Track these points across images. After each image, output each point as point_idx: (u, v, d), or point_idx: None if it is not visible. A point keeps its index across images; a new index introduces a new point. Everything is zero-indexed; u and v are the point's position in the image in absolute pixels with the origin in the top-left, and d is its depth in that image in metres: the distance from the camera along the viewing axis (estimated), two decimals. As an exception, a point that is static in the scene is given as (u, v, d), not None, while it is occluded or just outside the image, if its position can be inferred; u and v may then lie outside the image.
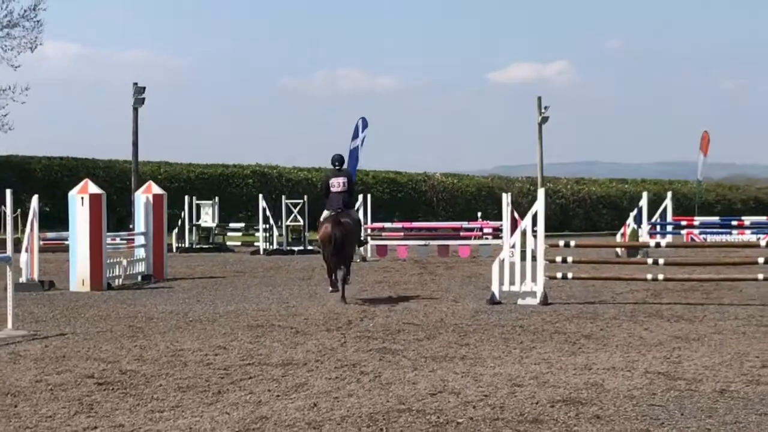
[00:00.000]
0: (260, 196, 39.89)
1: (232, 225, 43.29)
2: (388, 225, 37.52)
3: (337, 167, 20.27)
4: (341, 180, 19.97)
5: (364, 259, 32.30)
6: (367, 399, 9.59)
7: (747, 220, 41.13)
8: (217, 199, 42.51)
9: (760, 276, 18.18)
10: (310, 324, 15.40)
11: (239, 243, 42.47)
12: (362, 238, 24.05)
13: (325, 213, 19.96)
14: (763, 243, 19.58)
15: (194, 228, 40.73)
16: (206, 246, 40.01)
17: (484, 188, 63.94)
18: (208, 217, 41.10)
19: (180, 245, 39.81)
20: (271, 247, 37.27)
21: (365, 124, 39.79)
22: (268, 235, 37.74)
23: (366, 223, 33.79)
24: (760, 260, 18.41)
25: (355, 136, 40.22)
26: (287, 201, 38.23)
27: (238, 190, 55.28)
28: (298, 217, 37.62)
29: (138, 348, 12.96)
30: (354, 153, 40.25)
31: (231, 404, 9.38)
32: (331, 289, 19.56)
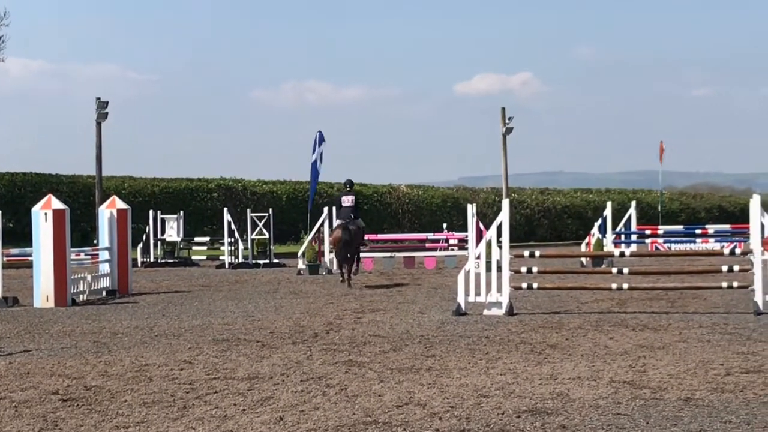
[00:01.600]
0: (225, 209, 39.80)
1: (197, 239, 43.12)
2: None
3: (347, 188, 27.11)
4: (350, 198, 26.66)
5: (330, 271, 32.26)
6: (334, 412, 9.58)
7: (711, 228, 41.36)
8: (181, 213, 42.35)
9: (724, 284, 18.28)
10: (276, 337, 15.37)
11: (204, 257, 42.32)
12: (365, 241, 28.96)
13: (337, 221, 26.96)
14: (726, 251, 19.69)
15: (159, 242, 40.56)
16: (171, 260, 39.84)
17: (449, 199, 63.99)
18: (172, 231, 40.93)
19: (145, 260, 39.64)
20: (236, 260, 37.16)
21: (322, 139, 39.76)
22: (233, 248, 37.63)
23: (331, 235, 33.74)
24: (724, 268, 18.53)
25: (314, 150, 40.21)
26: (252, 214, 38.15)
27: (203, 204, 55.09)
28: (264, 230, 37.54)
29: (103, 363, 12.89)
30: (314, 166, 40.23)
31: (196, 419, 9.35)
32: (341, 279, 26.10)
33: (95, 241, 32.41)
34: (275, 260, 37.45)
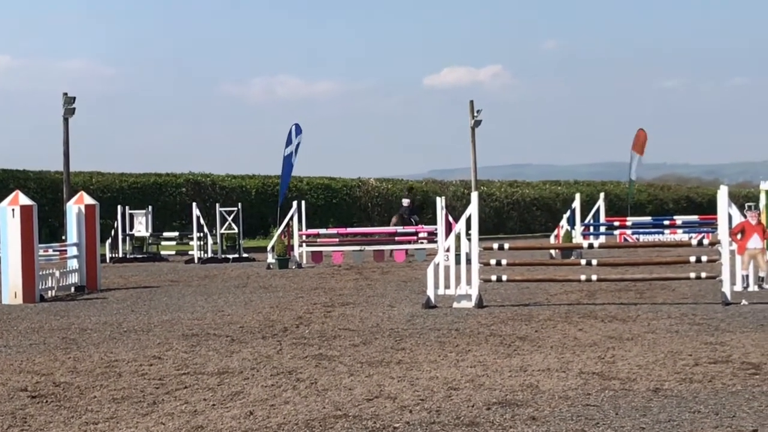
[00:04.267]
0: (194, 204, 39.67)
1: (165, 234, 42.96)
2: (323, 231, 37.44)
3: (406, 193, 39.89)
4: (407, 200, 39.74)
5: (299, 265, 32.23)
6: (304, 406, 9.57)
7: (679, 219, 41.57)
8: (150, 208, 42.19)
9: (692, 275, 18.39)
10: (245, 332, 15.34)
11: (173, 252, 42.19)
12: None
13: (395, 217, 38.90)
14: (694, 242, 19.79)
15: (128, 238, 40.39)
16: (140, 256, 39.69)
17: (418, 192, 64.09)
18: (141, 227, 40.76)
19: (113, 255, 39.48)
20: (205, 255, 37.05)
21: (299, 131, 39.70)
22: (202, 243, 37.51)
23: (301, 229, 33.73)
24: (692, 259, 18.63)
25: (289, 142, 40.11)
26: (221, 209, 38.05)
27: (172, 199, 54.90)
28: (233, 225, 37.43)
29: (72, 360, 12.84)
30: (288, 160, 40.12)
31: (166, 414, 9.32)
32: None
33: (63, 237, 32.30)
34: (244, 255, 37.35)
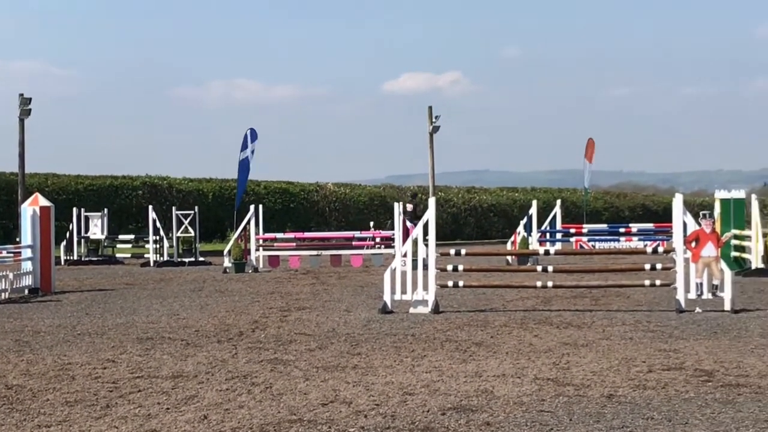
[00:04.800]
0: (150, 207, 39.48)
1: (121, 237, 42.73)
2: (280, 235, 37.39)
3: (411, 198, 37.99)
4: (410, 205, 37.68)
5: (256, 269, 32.14)
6: (258, 410, 9.54)
7: (634, 227, 41.82)
8: (106, 210, 41.98)
9: (647, 282, 18.49)
10: (201, 336, 15.28)
11: (129, 255, 42.00)
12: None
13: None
14: (649, 250, 19.91)
15: (83, 240, 40.17)
16: (95, 258, 39.47)
17: (376, 198, 64.05)
18: (97, 229, 40.54)
19: (68, 258, 39.24)
20: (161, 258, 36.89)
21: (254, 136, 39.63)
22: (158, 246, 37.34)
23: (257, 233, 33.68)
24: (647, 266, 18.75)
25: (245, 146, 40.04)
26: (178, 212, 37.89)
27: (128, 202, 54.59)
28: (189, 228, 37.29)
29: (25, 362, 12.73)
30: (244, 163, 40.03)
31: (119, 418, 9.26)
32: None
33: (17, 239, 32.03)
34: (201, 258, 37.22)
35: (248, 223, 33.19)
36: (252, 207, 33.77)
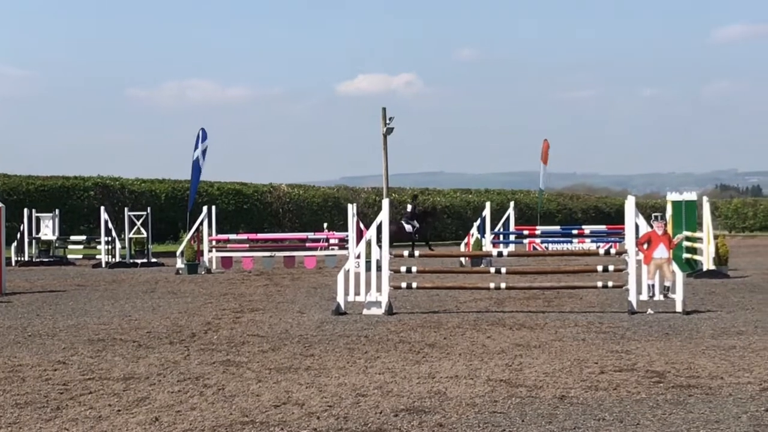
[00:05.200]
0: (102, 208, 39.22)
1: (73, 238, 42.44)
2: (233, 236, 37.23)
3: (411, 200, 41.98)
4: (409, 207, 42.88)
5: (209, 271, 32.02)
6: (210, 412, 9.49)
7: (587, 228, 42.03)
8: (57, 211, 41.68)
9: (600, 283, 18.57)
10: (152, 337, 15.19)
11: (81, 256, 41.71)
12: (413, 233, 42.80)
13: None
14: (602, 251, 20.02)
15: (34, 241, 39.86)
16: (46, 259, 39.19)
17: (330, 199, 64.00)
18: (48, 230, 40.26)
19: (19, 259, 38.93)
20: (113, 259, 36.67)
21: (205, 135, 39.48)
22: (110, 247, 37.11)
23: (210, 234, 33.57)
24: (599, 268, 18.84)
25: (196, 147, 39.88)
26: (130, 213, 37.67)
27: (80, 203, 54.21)
28: (142, 229, 37.09)
29: (-27, 365, 12.60)
30: (196, 164, 39.87)
31: (70, 420, 9.18)
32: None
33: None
34: (153, 260, 37.06)
35: (201, 224, 33.07)
36: (205, 208, 33.64)
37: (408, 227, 42.72)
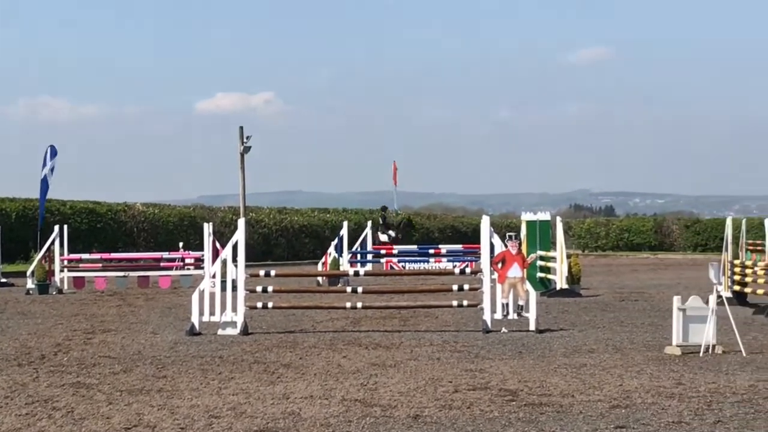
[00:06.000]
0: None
1: None
2: (85, 256, 36.50)
3: (382, 212, 44.61)
4: (381, 219, 44.00)
5: (60, 291, 31.38)
6: (58, 436, 9.26)
7: (443, 248, 42.33)
8: None
9: (455, 303, 18.71)
10: (0, 359, 14.79)
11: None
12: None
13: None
14: (457, 271, 20.17)
15: None
16: None
17: (186, 218, 63.31)
18: None
19: None
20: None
21: (54, 152, 38.73)
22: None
23: (62, 254, 32.90)
24: (455, 287, 18.97)
25: (44, 164, 39.09)
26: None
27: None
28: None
29: None
30: (44, 181, 39.10)
31: None
32: None
33: None
34: (3, 280, 36.09)
35: (52, 243, 32.38)
36: (57, 227, 32.97)
37: (383, 237, 45.68)
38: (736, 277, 24.55)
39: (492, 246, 19.03)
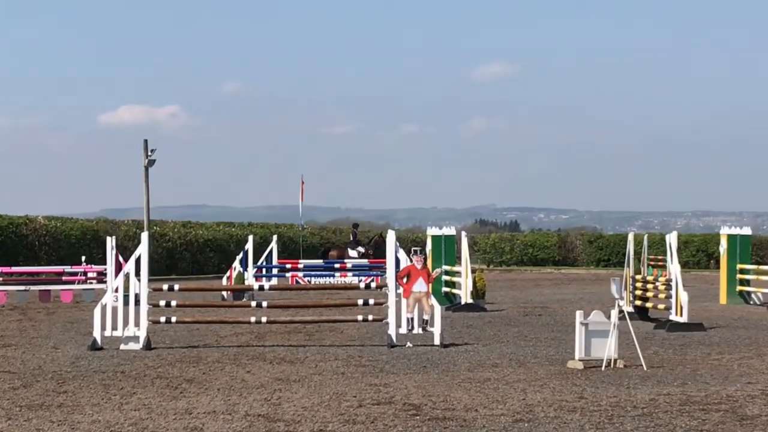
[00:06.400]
0: None
1: None
2: (-14, 270, 35.91)
3: (353, 229, 47.75)
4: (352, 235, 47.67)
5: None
6: (-46, 453, 9.08)
7: (349, 263, 42.35)
8: None
9: (360, 317, 18.72)
10: None
11: None
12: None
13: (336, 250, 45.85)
14: (362, 285, 20.19)
15: None
16: None
17: (89, 231, 62.55)
18: None
19: None
20: None
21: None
22: None
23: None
24: (360, 302, 18.98)
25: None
26: None
27: None
28: None
29: None
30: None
31: None
32: None
33: None
34: None
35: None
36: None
37: (353, 253, 47.03)
38: (638, 292, 24.95)
39: (398, 260, 19.08)
